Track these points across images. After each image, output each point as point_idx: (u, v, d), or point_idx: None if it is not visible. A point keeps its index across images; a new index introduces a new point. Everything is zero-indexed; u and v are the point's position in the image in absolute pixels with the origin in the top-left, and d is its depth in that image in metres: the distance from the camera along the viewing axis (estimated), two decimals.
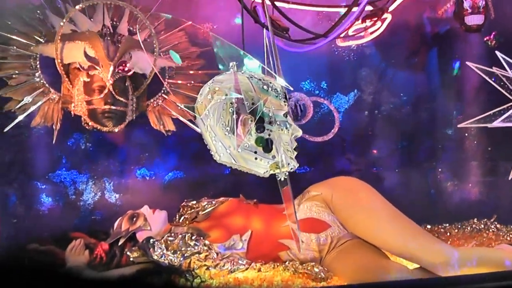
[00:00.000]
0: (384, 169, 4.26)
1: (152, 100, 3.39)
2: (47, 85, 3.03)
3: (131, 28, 3.27)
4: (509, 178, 3.61)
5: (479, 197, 4.19)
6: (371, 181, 3.97)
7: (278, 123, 2.27)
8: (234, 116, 2.21)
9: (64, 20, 2.94)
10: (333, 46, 3.98)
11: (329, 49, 4.01)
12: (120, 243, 2.81)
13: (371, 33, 3.54)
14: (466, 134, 4.18)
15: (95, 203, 3.75)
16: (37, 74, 3.00)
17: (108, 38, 3.04)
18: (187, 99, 3.36)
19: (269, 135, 2.25)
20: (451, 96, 4.25)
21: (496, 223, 3.78)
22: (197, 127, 2.45)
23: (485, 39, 3.95)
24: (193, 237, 2.69)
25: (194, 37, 3.63)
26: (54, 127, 3.07)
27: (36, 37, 3.09)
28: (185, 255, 2.63)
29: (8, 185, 3.51)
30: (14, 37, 3.03)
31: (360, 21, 3.40)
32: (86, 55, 2.93)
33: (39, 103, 2.99)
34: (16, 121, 3.06)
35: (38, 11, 3.13)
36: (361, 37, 3.56)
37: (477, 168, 4.18)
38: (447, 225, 3.82)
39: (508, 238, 3.57)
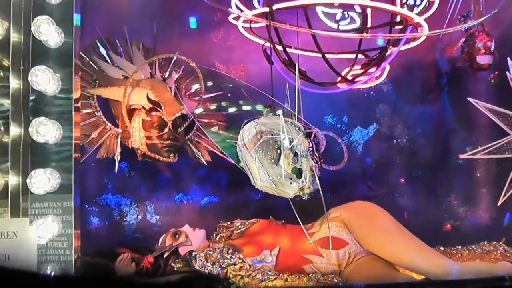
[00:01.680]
0: (401, 195, 4.70)
1: (190, 135, 3.93)
2: (106, 121, 3.58)
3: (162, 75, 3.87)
4: (498, 204, 3.98)
5: (489, 221, 4.58)
6: (389, 207, 4.45)
7: (305, 155, 2.82)
8: (278, 151, 2.80)
9: (137, 69, 3.53)
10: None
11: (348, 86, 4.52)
12: (165, 256, 3.32)
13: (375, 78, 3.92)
14: (477, 164, 4.60)
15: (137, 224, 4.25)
16: (97, 113, 3.56)
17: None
18: (212, 134, 3.93)
19: (300, 165, 2.81)
20: (462, 128, 4.69)
21: (504, 245, 4.12)
22: (232, 159, 3.05)
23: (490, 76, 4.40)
24: (230, 251, 3.20)
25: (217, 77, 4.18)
26: (115, 158, 3.60)
27: (88, 79, 3.64)
28: (222, 266, 3.13)
29: None
30: None
31: (360, 67, 3.83)
32: (148, 98, 3.51)
33: (104, 137, 3.54)
34: (90, 153, 3.57)
35: (85, 56, 3.63)
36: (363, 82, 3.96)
37: (487, 195, 4.57)
38: (459, 247, 4.11)
39: None
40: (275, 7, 3.31)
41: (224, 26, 4.21)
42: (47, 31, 2.22)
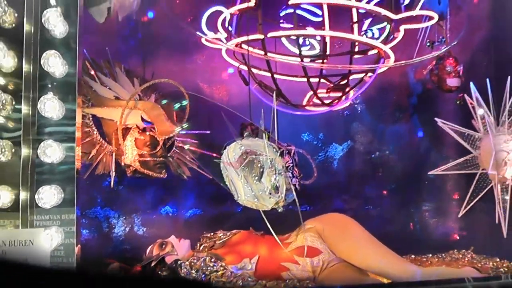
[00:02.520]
0: (375, 207, 5.11)
1: (171, 153, 4.28)
2: (101, 140, 3.91)
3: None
4: (459, 216, 4.37)
5: (459, 231, 4.98)
6: (363, 218, 4.85)
7: (281, 173, 3.21)
8: (261, 169, 3.20)
9: (135, 92, 3.87)
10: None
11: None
12: (152, 265, 3.65)
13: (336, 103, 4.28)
14: (447, 178, 5.01)
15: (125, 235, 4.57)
16: (93, 132, 3.88)
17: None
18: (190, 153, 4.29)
19: (277, 181, 3.19)
20: (432, 145, 5.11)
21: (472, 253, 4.46)
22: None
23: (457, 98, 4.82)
24: (212, 260, 3.54)
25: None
26: (111, 174, 3.91)
27: (83, 99, 3.96)
28: (206, 273, 3.48)
29: None
30: None
31: (325, 90, 4.21)
32: (142, 119, 3.86)
33: (101, 155, 3.87)
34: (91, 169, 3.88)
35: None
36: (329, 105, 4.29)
37: (456, 207, 4.92)
38: (430, 255, 4.41)
39: (479, 265, 4.33)
40: (251, 37, 3.71)
41: (208, 48, 4.56)
42: (54, 63, 2.58)
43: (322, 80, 4.25)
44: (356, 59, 4.36)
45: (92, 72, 3.91)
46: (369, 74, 4.17)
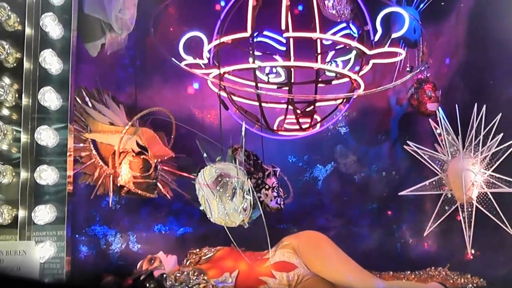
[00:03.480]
0: (357, 226, 5.45)
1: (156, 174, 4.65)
2: (101, 163, 4.29)
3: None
4: (424, 234, 4.67)
5: (436, 250, 5.29)
6: (346, 237, 5.22)
7: (248, 193, 3.61)
8: (233, 190, 3.61)
9: (133, 120, 4.21)
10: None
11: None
12: (141, 278, 4.04)
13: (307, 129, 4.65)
14: (425, 198, 5.33)
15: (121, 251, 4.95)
16: (94, 155, 4.26)
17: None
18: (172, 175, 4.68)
19: (246, 201, 3.59)
20: (411, 167, 5.45)
21: (447, 270, 4.75)
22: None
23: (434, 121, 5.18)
24: (195, 274, 3.94)
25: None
26: (109, 195, 4.28)
27: (82, 124, 4.35)
28: (189, 286, 3.86)
29: None
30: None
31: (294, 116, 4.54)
32: (137, 144, 4.24)
33: (102, 177, 4.21)
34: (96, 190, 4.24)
35: (75, 105, 4.17)
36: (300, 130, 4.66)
37: (435, 226, 5.23)
38: (408, 272, 4.77)
39: (451, 281, 4.65)
40: (227, 69, 4.15)
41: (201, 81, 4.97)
42: (50, 98, 3.01)
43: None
44: (331, 87, 4.76)
45: (87, 99, 4.29)
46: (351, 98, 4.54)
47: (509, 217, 4.40)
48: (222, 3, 4.91)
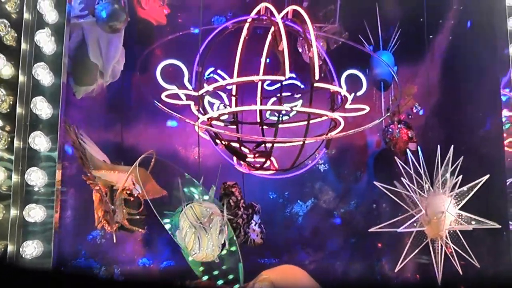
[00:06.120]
0: (337, 260, 5.75)
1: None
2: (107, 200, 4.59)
3: None
4: (395, 271, 4.95)
5: (418, 281, 5.55)
6: (326, 270, 5.51)
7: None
8: (221, 227, 4.05)
9: (133, 166, 4.50)
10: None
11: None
12: None
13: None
14: (405, 233, 5.61)
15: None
16: (102, 192, 4.57)
17: None
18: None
19: (224, 236, 3.98)
20: (388, 202, 5.76)
21: None
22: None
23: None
24: None
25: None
26: (113, 231, 4.57)
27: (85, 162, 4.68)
28: None
29: None
30: None
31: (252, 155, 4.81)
32: (132, 182, 4.56)
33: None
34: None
35: (73, 142, 4.56)
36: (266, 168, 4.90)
37: (413, 259, 5.36)
38: None
39: None
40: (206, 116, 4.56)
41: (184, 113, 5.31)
42: (40, 142, 3.38)
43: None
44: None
45: (80, 139, 4.62)
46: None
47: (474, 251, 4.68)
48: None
